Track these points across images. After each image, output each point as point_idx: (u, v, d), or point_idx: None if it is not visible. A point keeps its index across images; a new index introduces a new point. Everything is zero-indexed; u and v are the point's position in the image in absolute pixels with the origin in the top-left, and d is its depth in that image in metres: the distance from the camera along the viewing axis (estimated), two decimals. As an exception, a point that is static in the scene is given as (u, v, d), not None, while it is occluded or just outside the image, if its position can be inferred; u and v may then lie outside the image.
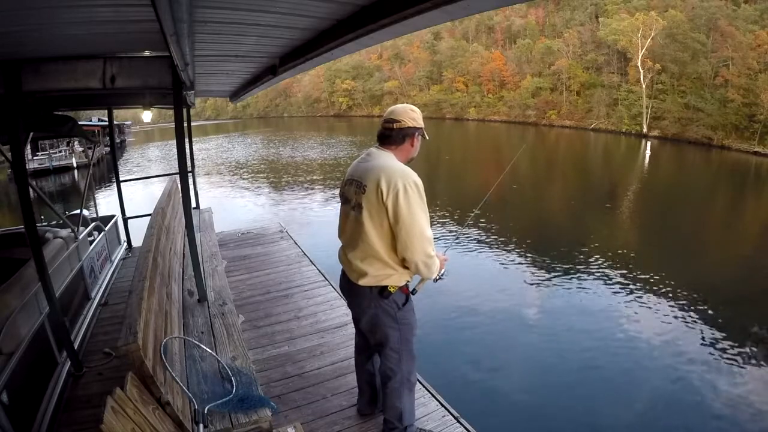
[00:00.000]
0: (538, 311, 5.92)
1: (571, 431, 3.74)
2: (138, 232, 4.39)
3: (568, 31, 42.42)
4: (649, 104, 32.95)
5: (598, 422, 3.78)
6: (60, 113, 3.72)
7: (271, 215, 10.88)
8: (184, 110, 4.68)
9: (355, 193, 1.92)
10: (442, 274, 2.06)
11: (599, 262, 7.57)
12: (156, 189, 9.54)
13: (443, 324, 5.39)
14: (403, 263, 1.90)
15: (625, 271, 7.18)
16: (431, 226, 1.90)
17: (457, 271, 6.90)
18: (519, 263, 7.68)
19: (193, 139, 6.33)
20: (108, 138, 6.37)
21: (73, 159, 21.13)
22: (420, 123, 1.97)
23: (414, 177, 1.83)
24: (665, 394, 4.16)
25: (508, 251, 8.23)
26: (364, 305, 1.99)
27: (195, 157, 7.19)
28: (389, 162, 1.89)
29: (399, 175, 1.81)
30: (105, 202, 11.55)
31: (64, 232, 3.65)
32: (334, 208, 10.88)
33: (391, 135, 1.94)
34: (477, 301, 6.03)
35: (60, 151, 21.56)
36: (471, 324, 5.47)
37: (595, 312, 5.88)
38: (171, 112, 3.20)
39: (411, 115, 1.94)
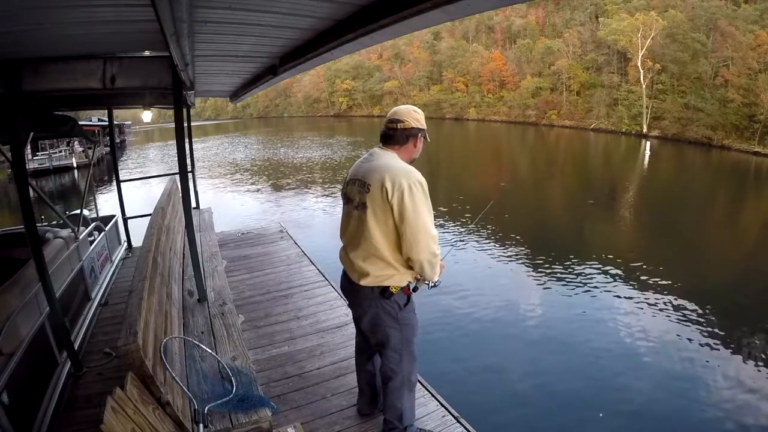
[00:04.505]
0: (538, 311, 5.92)
1: (570, 431, 3.75)
2: (138, 232, 4.39)
3: (568, 31, 42.41)
4: (649, 104, 32.95)
5: (597, 422, 3.78)
6: (60, 113, 3.72)
7: (271, 215, 10.89)
8: (184, 110, 4.68)
9: (358, 193, 1.92)
10: (437, 282, 2.04)
11: (598, 262, 7.56)
12: (156, 189, 9.54)
13: (443, 324, 5.39)
14: (407, 263, 1.90)
15: (624, 271, 7.18)
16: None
17: (457, 272, 6.90)
18: (518, 263, 7.68)
19: (193, 139, 6.33)
20: (108, 138, 6.37)
21: (73, 159, 21.14)
22: (423, 124, 1.98)
23: (418, 176, 1.84)
24: (665, 393, 4.16)
25: (508, 251, 8.23)
26: (366, 305, 1.99)
27: (195, 157, 7.19)
28: (393, 162, 1.90)
29: (403, 175, 1.82)
30: (105, 202, 11.56)
31: (65, 232, 3.65)
32: (334, 208, 10.95)
33: (394, 135, 1.95)
34: (477, 302, 6.03)
35: (60, 151, 21.58)
36: (471, 324, 5.47)
37: (594, 312, 5.88)
38: (171, 112, 3.20)
39: (414, 116, 1.95)
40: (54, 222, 4.36)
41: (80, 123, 4.33)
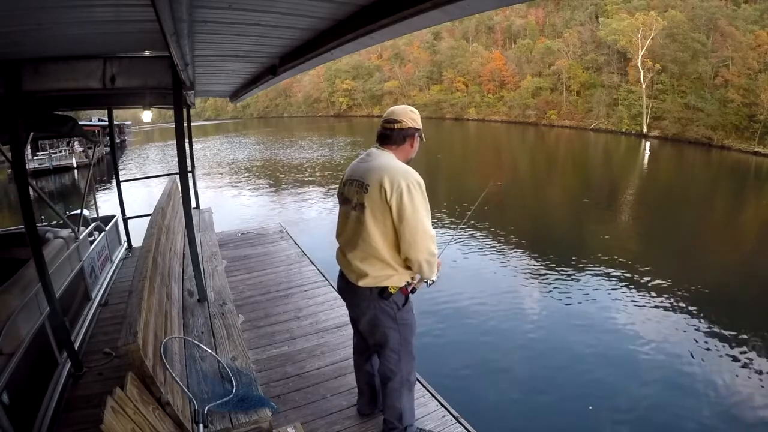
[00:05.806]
0: (538, 311, 5.92)
1: (570, 431, 3.75)
2: (138, 232, 4.39)
3: (568, 31, 42.42)
4: (649, 104, 32.97)
5: (597, 422, 3.78)
6: (60, 113, 3.72)
7: (271, 215, 10.89)
8: (184, 110, 4.68)
9: (356, 193, 1.91)
10: (435, 279, 2.04)
11: (597, 261, 7.56)
12: (156, 189, 9.54)
13: (443, 324, 5.39)
14: (405, 263, 1.90)
15: (623, 271, 7.18)
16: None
17: (456, 271, 6.90)
18: (518, 263, 7.68)
19: (193, 139, 6.34)
20: (108, 138, 6.37)
21: (73, 159, 21.14)
22: (419, 124, 1.98)
23: (416, 176, 1.84)
24: (664, 394, 4.16)
25: (507, 251, 8.23)
26: (364, 306, 1.99)
27: (195, 157, 7.20)
28: (391, 162, 1.90)
29: (402, 175, 1.82)
30: (105, 202, 11.55)
31: (65, 232, 3.64)
32: (334, 208, 10.91)
33: (391, 135, 1.95)
34: (476, 301, 6.03)
35: (60, 151, 21.58)
36: (470, 324, 5.47)
37: (594, 312, 5.88)
38: (171, 112, 3.20)
39: (411, 116, 1.96)
40: (54, 222, 4.35)
41: (80, 123, 4.33)
